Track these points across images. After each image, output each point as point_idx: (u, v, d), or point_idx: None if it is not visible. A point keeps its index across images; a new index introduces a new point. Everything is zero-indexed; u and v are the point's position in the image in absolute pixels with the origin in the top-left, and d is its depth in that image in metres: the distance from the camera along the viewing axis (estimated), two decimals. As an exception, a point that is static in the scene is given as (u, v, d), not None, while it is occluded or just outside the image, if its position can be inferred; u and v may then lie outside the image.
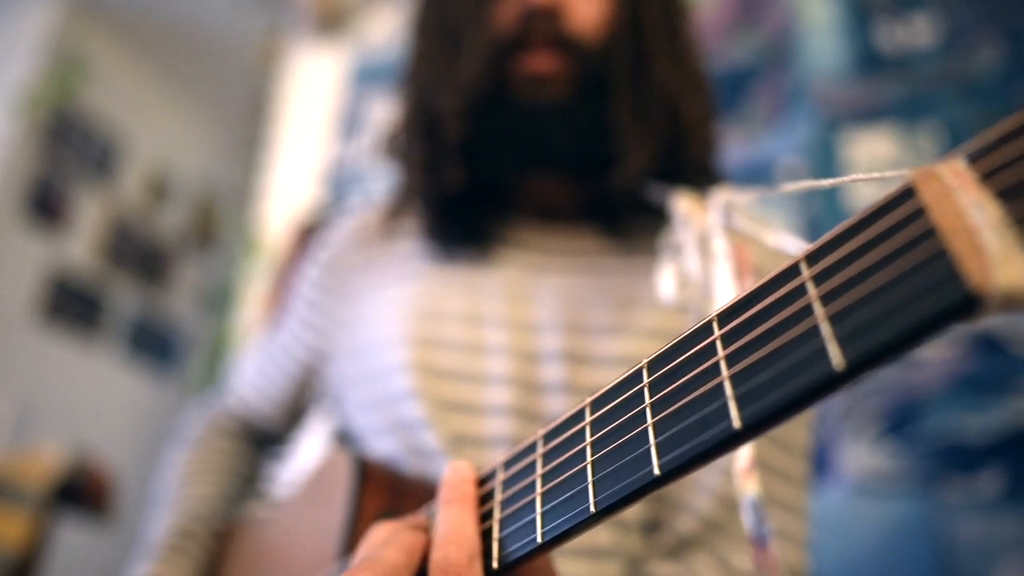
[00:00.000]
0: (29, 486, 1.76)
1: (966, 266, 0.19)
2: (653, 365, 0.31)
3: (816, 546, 0.65)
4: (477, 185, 0.67)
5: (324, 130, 2.37)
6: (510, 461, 0.38)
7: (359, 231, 0.77)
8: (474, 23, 0.67)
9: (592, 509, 0.31)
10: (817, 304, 0.23)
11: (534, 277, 0.66)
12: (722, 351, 0.27)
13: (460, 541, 0.35)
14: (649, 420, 0.29)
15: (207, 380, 2.70)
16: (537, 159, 0.68)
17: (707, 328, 0.28)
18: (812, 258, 0.24)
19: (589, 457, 0.32)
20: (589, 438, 0.33)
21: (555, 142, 0.66)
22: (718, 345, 0.27)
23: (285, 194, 2.34)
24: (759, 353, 0.25)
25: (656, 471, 0.28)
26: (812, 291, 0.24)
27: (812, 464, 0.64)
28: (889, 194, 0.22)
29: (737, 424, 0.25)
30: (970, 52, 1.40)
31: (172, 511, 0.72)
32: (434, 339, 0.63)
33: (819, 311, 0.23)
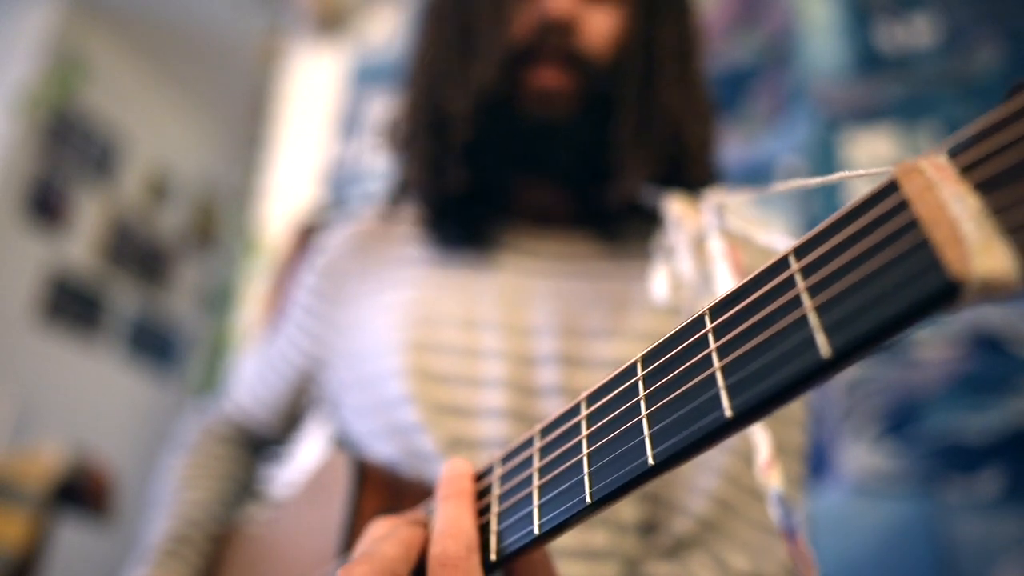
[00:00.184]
0: (29, 486, 1.77)
1: (947, 255, 0.19)
2: (647, 359, 0.31)
3: (816, 546, 0.65)
4: (478, 188, 0.68)
5: (324, 130, 2.37)
6: (507, 456, 0.39)
7: (356, 237, 0.77)
8: (492, 25, 0.67)
9: (588, 500, 0.31)
10: (805, 295, 0.24)
11: (529, 281, 0.67)
12: (714, 343, 0.27)
13: (457, 535, 0.35)
14: (643, 412, 0.30)
15: (207, 380, 2.70)
16: (537, 169, 0.68)
17: (699, 321, 0.29)
18: (800, 251, 0.25)
19: (585, 450, 0.33)
20: (585, 431, 0.33)
21: (556, 157, 0.67)
22: (710, 337, 0.28)
23: (285, 194, 2.35)
24: (750, 344, 0.25)
25: (650, 461, 0.28)
26: (800, 283, 0.24)
27: (808, 465, 0.64)
28: (873, 188, 0.22)
29: (729, 413, 0.25)
30: (970, 52, 1.40)
31: (168, 516, 0.72)
32: (430, 344, 0.63)
33: (807, 302, 0.24)
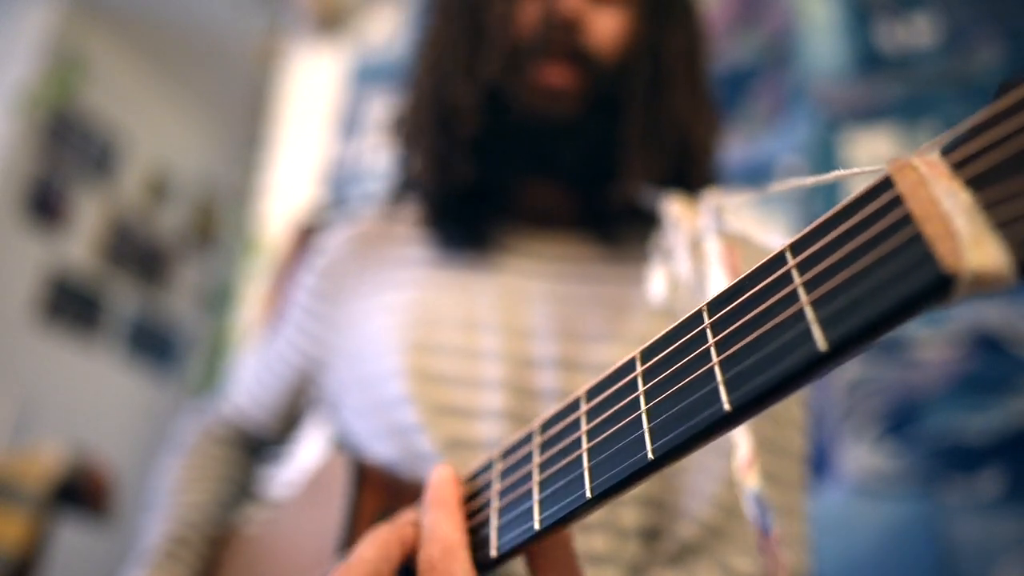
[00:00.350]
0: (29, 486, 1.77)
1: (939, 249, 0.19)
2: (646, 354, 0.31)
3: (816, 546, 0.65)
4: (481, 186, 0.68)
5: (324, 130, 2.37)
6: (507, 451, 0.39)
7: (356, 238, 0.77)
8: (499, 20, 0.67)
9: (588, 495, 0.31)
10: (802, 290, 0.24)
11: (529, 283, 0.67)
12: (712, 338, 0.27)
13: (438, 540, 0.38)
14: (643, 407, 0.30)
15: (207, 380, 2.70)
16: (540, 168, 0.68)
17: (697, 317, 0.29)
18: (796, 247, 0.25)
19: (585, 445, 0.33)
20: (585, 427, 0.33)
21: (560, 156, 0.66)
22: (708, 333, 0.28)
23: (285, 194, 2.35)
24: (747, 338, 0.26)
25: (650, 455, 0.29)
26: (797, 278, 0.24)
27: (809, 467, 0.64)
28: (867, 185, 0.23)
29: (727, 407, 0.25)
30: (970, 52, 1.40)
31: (166, 518, 0.72)
32: (429, 345, 0.63)
33: (803, 296, 0.24)
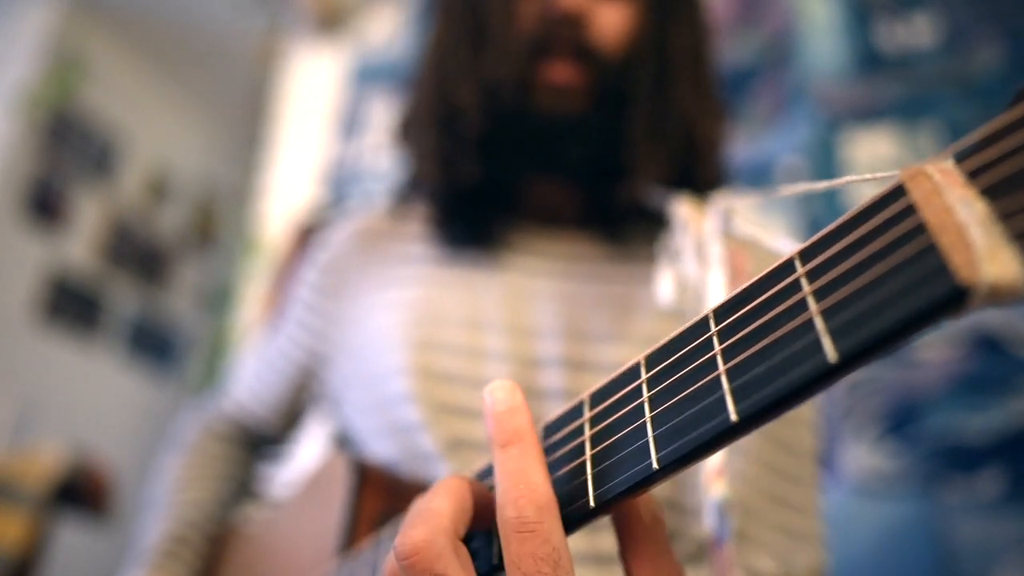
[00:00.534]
0: (29, 486, 1.76)
1: (954, 260, 0.19)
2: (651, 360, 0.31)
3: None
4: (487, 184, 0.67)
5: (324, 130, 2.37)
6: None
7: (359, 234, 0.76)
8: (502, 18, 0.66)
9: (592, 504, 0.31)
10: (811, 299, 0.23)
11: (534, 282, 0.66)
12: (718, 346, 0.27)
13: (530, 492, 0.30)
14: (647, 415, 0.30)
15: (207, 380, 2.70)
16: (548, 166, 0.68)
17: (704, 324, 0.29)
18: (806, 255, 0.25)
19: (588, 452, 0.32)
20: (588, 433, 0.33)
21: (568, 153, 0.66)
22: (714, 340, 0.27)
23: (285, 194, 2.34)
24: (755, 347, 0.25)
25: (655, 465, 0.28)
26: (806, 287, 0.24)
27: (820, 466, 0.64)
28: (880, 192, 0.22)
29: (734, 417, 0.25)
30: (970, 52, 1.40)
31: (166, 517, 0.71)
32: (433, 343, 0.63)
33: (813, 306, 0.23)
